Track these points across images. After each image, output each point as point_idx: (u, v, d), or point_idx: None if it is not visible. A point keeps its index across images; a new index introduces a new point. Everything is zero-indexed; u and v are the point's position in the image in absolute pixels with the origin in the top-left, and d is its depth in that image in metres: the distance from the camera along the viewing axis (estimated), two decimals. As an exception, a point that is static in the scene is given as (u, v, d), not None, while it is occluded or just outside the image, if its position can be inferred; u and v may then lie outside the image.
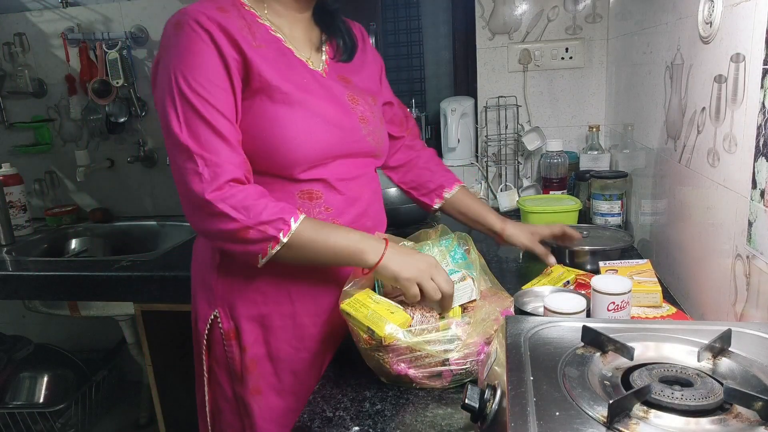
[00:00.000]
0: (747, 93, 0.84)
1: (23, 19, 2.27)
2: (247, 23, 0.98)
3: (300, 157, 0.98)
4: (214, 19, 0.93)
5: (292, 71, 1.00)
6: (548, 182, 1.86)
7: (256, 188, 0.94)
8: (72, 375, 2.27)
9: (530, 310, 1.02)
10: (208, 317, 1.07)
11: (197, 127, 0.91)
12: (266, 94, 0.96)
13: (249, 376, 1.06)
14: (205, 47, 0.91)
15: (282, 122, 0.96)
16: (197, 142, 0.90)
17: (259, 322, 1.05)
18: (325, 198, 1.03)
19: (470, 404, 0.63)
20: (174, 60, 0.92)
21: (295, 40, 1.05)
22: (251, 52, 0.94)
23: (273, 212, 0.91)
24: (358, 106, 1.07)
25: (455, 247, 1.09)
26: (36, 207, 2.42)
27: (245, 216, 0.90)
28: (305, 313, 1.06)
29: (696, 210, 1.07)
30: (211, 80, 0.91)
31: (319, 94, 1.01)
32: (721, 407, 0.56)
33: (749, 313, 0.86)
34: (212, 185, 0.89)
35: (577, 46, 1.93)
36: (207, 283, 1.08)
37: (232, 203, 0.90)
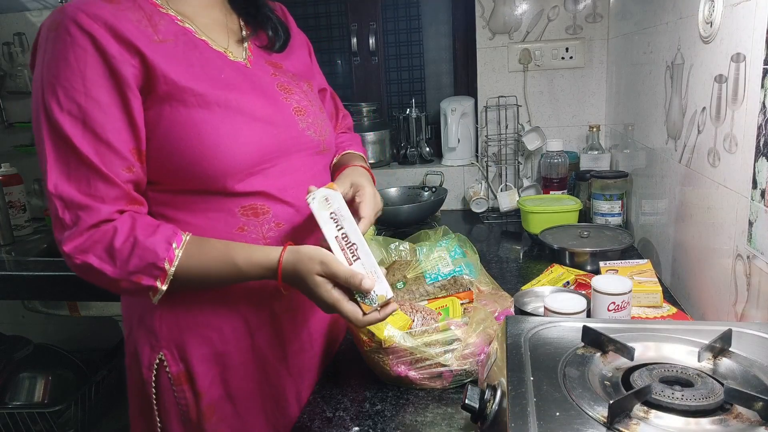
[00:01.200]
0: (747, 93, 0.84)
1: (23, 19, 2.27)
2: (145, 14, 0.83)
3: (230, 167, 0.83)
4: (99, 16, 0.77)
5: (207, 66, 0.86)
6: (548, 182, 1.86)
7: (126, 221, 0.79)
8: (72, 375, 2.27)
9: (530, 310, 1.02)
10: (153, 362, 0.90)
11: (66, 157, 0.77)
12: (177, 99, 0.81)
13: (207, 423, 0.91)
14: (84, 55, 0.76)
15: (200, 129, 0.81)
16: (63, 177, 0.77)
17: (214, 362, 0.91)
18: (273, 212, 0.89)
19: (470, 404, 0.63)
20: (45, 73, 0.77)
21: (209, 30, 0.91)
22: (151, 51, 0.80)
23: (143, 255, 0.78)
24: (292, 96, 0.93)
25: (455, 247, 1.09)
26: (36, 207, 2.42)
27: (111, 266, 0.77)
28: (267, 345, 0.93)
29: (696, 210, 1.07)
30: (90, 96, 0.76)
31: (242, 89, 0.88)
32: (721, 407, 0.56)
33: (749, 313, 0.86)
34: (72, 233, 0.77)
35: (577, 45, 1.93)
36: (146, 323, 0.90)
37: (97, 252, 0.77)
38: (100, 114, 0.77)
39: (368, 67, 2.33)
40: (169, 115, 0.81)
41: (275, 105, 0.91)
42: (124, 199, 0.80)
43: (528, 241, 1.68)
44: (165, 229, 0.81)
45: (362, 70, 2.34)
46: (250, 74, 0.91)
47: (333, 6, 2.39)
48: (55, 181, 0.77)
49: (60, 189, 0.77)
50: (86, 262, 0.77)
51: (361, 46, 2.28)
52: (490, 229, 1.86)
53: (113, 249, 0.77)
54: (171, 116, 0.81)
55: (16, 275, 1.78)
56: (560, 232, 1.52)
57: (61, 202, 0.77)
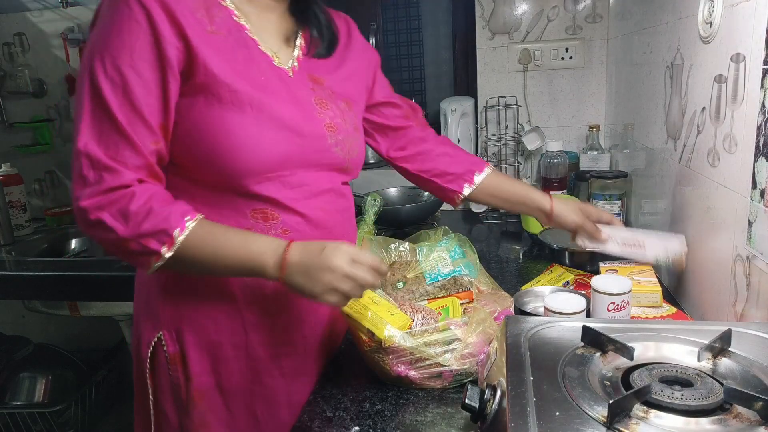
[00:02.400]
0: (747, 93, 0.84)
1: (23, 19, 2.27)
2: (205, 4, 0.85)
3: (249, 166, 0.86)
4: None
5: (250, 66, 0.88)
6: (548, 182, 1.86)
7: (146, 189, 0.82)
8: (72, 375, 2.27)
9: (530, 310, 1.02)
10: (151, 340, 0.95)
11: (101, 120, 0.80)
12: (212, 92, 0.84)
13: (195, 408, 0.94)
14: (137, 29, 0.79)
15: (229, 126, 0.84)
16: (94, 138, 0.80)
17: (207, 351, 0.94)
18: (282, 219, 0.91)
19: (470, 404, 0.63)
20: (99, 39, 0.80)
21: (263, 31, 0.93)
22: (200, 40, 0.82)
23: (156, 221, 0.80)
24: (326, 111, 0.95)
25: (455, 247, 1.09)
26: (36, 207, 2.42)
27: (123, 226, 0.79)
28: (261, 344, 0.94)
29: (696, 210, 1.07)
30: (135, 69, 0.79)
31: (279, 95, 0.89)
32: (721, 407, 0.56)
33: (749, 313, 0.86)
34: (93, 191, 0.79)
35: (577, 46, 1.93)
36: (150, 305, 0.96)
37: (111, 211, 0.79)
38: (140, 87, 0.80)
39: (368, 67, 2.33)
40: (202, 105, 0.84)
41: (308, 117, 0.92)
42: (146, 170, 0.83)
43: (528, 241, 1.68)
44: (181, 204, 0.84)
45: (362, 70, 2.34)
46: (290, 83, 0.93)
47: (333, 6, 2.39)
48: (86, 141, 0.80)
49: (89, 148, 0.79)
50: (99, 218, 0.79)
51: (361, 46, 2.28)
52: (490, 229, 1.86)
53: (128, 211, 0.79)
54: (203, 107, 0.84)
55: (16, 275, 1.78)
56: (560, 232, 1.52)
57: (87, 160, 0.79)
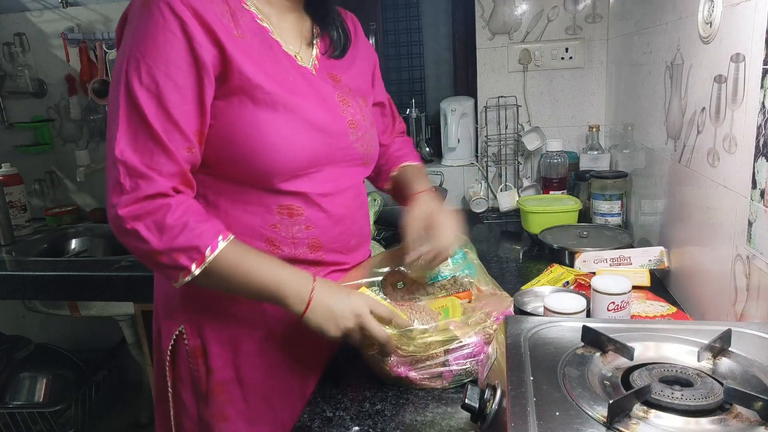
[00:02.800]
0: (747, 93, 0.84)
1: (23, 19, 2.27)
2: (230, 8, 0.87)
3: (281, 167, 0.89)
4: (189, 3, 0.81)
5: (277, 67, 0.90)
6: (548, 182, 1.86)
7: (182, 202, 0.83)
8: (72, 375, 2.27)
9: (530, 310, 1.02)
10: (172, 333, 0.97)
11: (136, 128, 0.81)
12: (246, 94, 0.86)
13: (214, 400, 0.96)
14: (172, 38, 0.80)
15: (263, 127, 0.86)
16: (130, 146, 0.81)
17: (228, 345, 0.96)
18: (306, 215, 0.94)
19: (470, 404, 0.63)
20: (133, 46, 0.81)
21: (284, 32, 0.95)
22: (231, 44, 0.84)
23: (190, 237, 0.82)
24: (348, 109, 0.98)
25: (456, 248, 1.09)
26: (36, 207, 2.42)
27: (158, 238, 0.81)
28: (279, 338, 0.97)
29: (696, 210, 1.07)
30: (170, 77, 0.81)
31: (306, 95, 0.92)
32: (721, 407, 0.56)
33: (749, 313, 0.86)
34: (130, 198, 0.80)
35: (577, 46, 1.93)
36: (172, 299, 0.97)
37: (147, 222, 0.81)
38: (176, 95, 0.81)
39: (368, 67, 2.33)
40: (237, 107, 0.86)
41: (333, 115, 0.95)
42: (179, 177, 0.84)
43: (528, 241, 1.68)
44: (216, 223, 0.86)
45: (362, 70, 2.34)
46: (314, 82, 0.95)
47: (333, 6, 2.39)
48: (123, 148, 0.81)
49: (126, 156, 0.81)
50: (135, 229, 0.81)
51: (361, 46, 2.28)
52: (490, 229, 1.86)
53: (164, 224, 0.81)
54: (238, 108, 0.86)
55: (16, 275, 1.78)
56: (560, 231, 1.52)
57: (124, 168, 0.80)
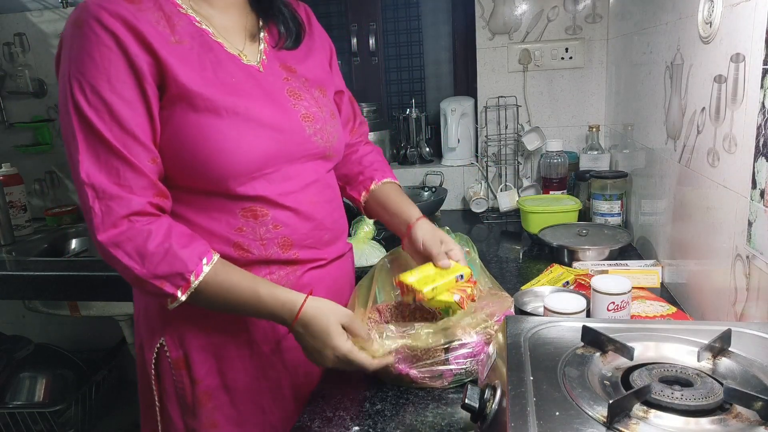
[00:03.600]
0: (747, 93, 0.84)
1: (23, 19, 2.27)
2: (164, 14, 0.85)
3: (234, 170, 0.87)
4: (120, 15, 0.80)
5: (219, 71, 0.88)
6: (548, 182, 1.86)
7: (162, 225, 0.83)
8: (72, 375, 2.27)
9: (530, 310, 1.02)
10: (154, 346, 0.96)
11: (96, 148, 0.80)
12: (186, 102, 0.84)
13: (202, 409, 0.95)
14: (108, 53, 0.79)
15: (207, 133, 0.84)
16: (95, 167, 0.80)
17: (211, 352, 0.95)
18: (271, 215, 0.92)
19: (470, 404, 0.63)
20: (72, 67, 0.80)
21: (227, 31, 0.93)
22: (166, 52, 0.82)
23: (172, 264, 0.81)
24: (301, 102, 0.95)
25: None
26: (36, 207, 2.42)
27: (140, 266, 0.80)
28: (264, 341, 0.96)
29: (696, 210, 1.07)
30: (115, 91, 0.80)
31: (252, 95, 0.90)
32: (721, 407, 0.56)
33: (749, 312, 0.86)
34: (106, 223, 0.80)
35: (577, 46, 1.93)
36: (150, 311, 0.97)
37: (128, 249, 0.80)
38: (125, 108, 0.81)
39: (368, 67, 2.33)
40: (179, 116, 0.84)
41: (283, 112, 0.93)
42: (152, 189, 0.83)
43: (528, 241, 1.68)
44: (199, 244, 0.85)
45: (362, 70, 2.34)
46: (262, 79, 0.93)
47: (333, 6, 2.39)
48: (87, 170, 0.80)
49: (93, 178, 0.80)
50: (116, 257, 0.81)
51: (361, 46, 2.28)
52: (490, 229, 1.86)
53: (145, 251, 0.81)
54: (180, 117, 0.84)
55: (16, 275, 1.78)
56: (559, 230, 1.53)
57: (92, 191, 0.80)
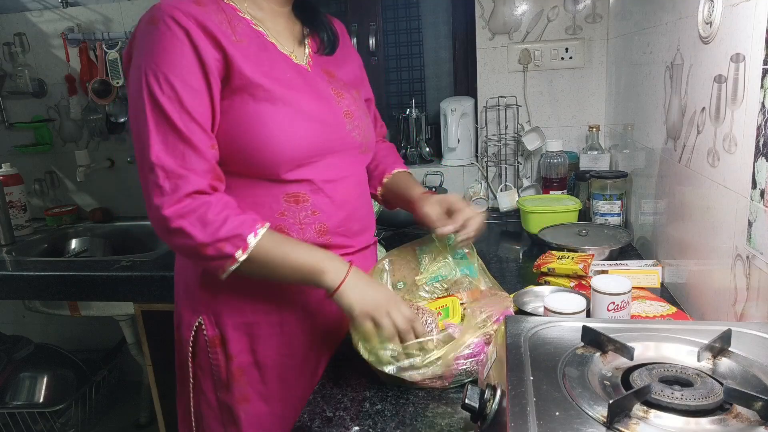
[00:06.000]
0: (747, 93, 0.84)
1: (23, 19, 2.27)
2: (227, 17, 0.94)
3: (284, 157, 0.95)
4: (191, 14, 0.88)
5: (275, 67, 0.97)
6: (548, 182, 1.86)
7: (220, 199, 0.90)
8: (72, 375, 2.27)
9: (530, 310, 1.02)
10: (192, 324, 1.04)
11: (165, 133, 0.87)
12: (248, 92, 0.93)
13: (235, 384, 1.03)
14: (181, 46, 0.87)
15: (265, 121, 0.93)
16: (163, 150, 0.87)
17: (245, 331, 1.02)
18: (312, 201, 1.00)
19: (470, 404, 0.63)
20: (146, 59, 0.88)
21: (278, 34, 1.02)
22: (231, 48, 0.91)
23: (231, 227, 0.88)
24: (343, 101, 1.05)
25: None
26: (36, 207, 2.42)
27: (202, 233, 0.87)
28: (294, 320, 1.03)
29: (696, 210, 1.07)
30: (186, 81, 0.88)
31: (303, 90, 0.99)
32: (721, 407, 0.56)
33: (749, 312, 0.86)
34: (172, 199, 0.87)
35: (577, 46, 1.93)
36: (191, 289, 1.05)
37: (191, 219, 0.87)
38: (194, 97, 0.88)
39: (368, 67, 2.32)
40: (239, 105, 0.92)
41: (329, 107, 1.01)
42: (211, 172, 0.91)
43: (528, 241, 1.68)
44: (252, 214, 0.92)
45: (362, 70, 2.34)
46: (310, 78, 1.02)
47: (333, 6, 2.39)
48: (158, 153, 0.87)
49: (162, 160, 0.87)
50: (181, 227, 0.87)
51: (361, 46, 2.28)
52: (490, 229, 1.86)
53: (206, 219, 0.87)
54: (240, 106, 0.92)
55: (16, 275, 1.79)
56: (559, 230, 1.53)
57: (162, 171, 0.87)
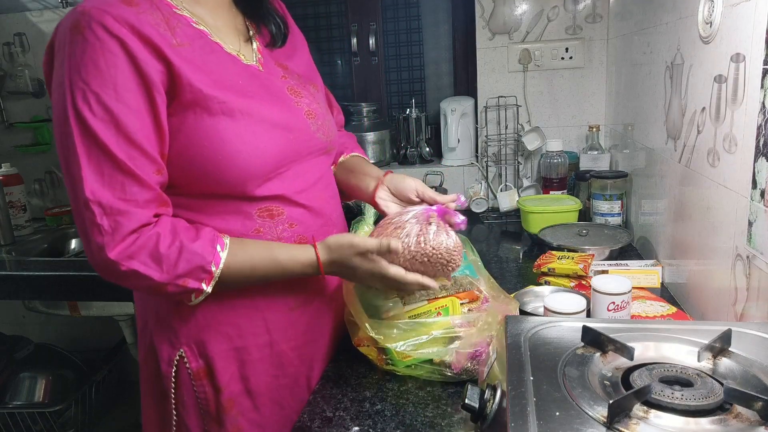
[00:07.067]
0: (747, 93, 0.84)
1: (23, 19, 2.27)
2: (163, 16, 0.81)
3: (251, 173, 0.86)
4: (124, 19, 0.76)
5: (225, 72, 0.86)
6: (548, 182, 1.86)
7: (166, 226, 0.81)
8: (72, 375, 2.27)
9: (530, 310, 1.02)
10: (173, 358, 0.92)
11: (100, 162, 0.76)
12: (201, 106, 0.82)
13: (226, 416, 0.93)
14: (114, 59, 0.75)
15: (224, 137, 0.83)
16: (98, 182, 0.76)
17: (234, 358, 0.93)
18: (287, 213, 0.92)
19: (470, 404, 0.63)
20: (72, 76, 0.75)
21: (221, 31, 0.90)
22: (174, 56, 0.79)
23: (189, 259, 0.80)
24: (302, 99, 0.95)
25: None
26: (36, 207, 2.42)
27: (158, 271, 0.79)
28: (283, 339, 0.96)
29: (696, 210, 1.07)
30: (122, 100, 0.76)
31: (260, 95, 0.89)
32: (721, 407, 0.56)
33: (749, 313, 0.86)
34: (114, 239, 0.77)
35: (577, 46, 1.93)
36: (164, 320, 0.92)
37: (142, 258, 0.78)
38: (132, 118, 0.77)
39: (368, 67, 2.33)
40: (193, 121, 0.82)
41: (289, 110, 0.93)
42: (156, 201, 0.81)
43: (528, 241, 1.68)
44: (207, 233, 0.84)
45: (362, 70, 2.34)
46: (264, 79, 0.92)
47: (333, 6, 2.39)
48: (92, 187, 0.76)
49: (98, 195, 0.77)
50: (132, 269, 0.78)
51: (361, 46, 2.28)
52: (490, 229, 1.86)
53: (159, 254, 0.79)
54: (194, 123, 0.82)
55: (16, 275, 1.78)
56: (559, 230, 1.53)
57: (99, 208, 0.77)
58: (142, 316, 0.98)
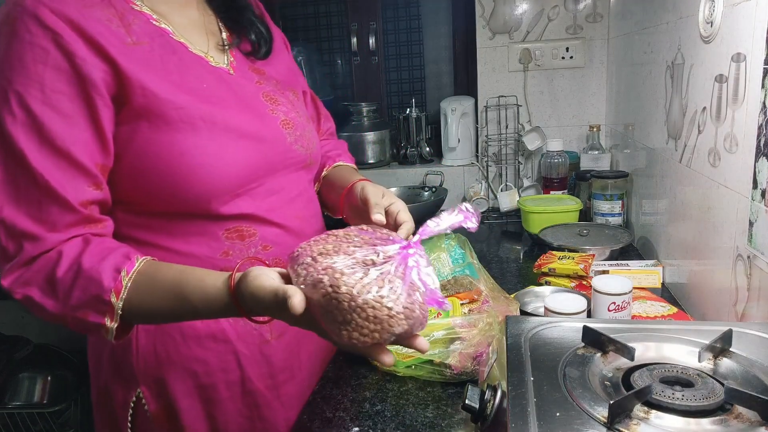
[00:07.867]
0: (748, 93, 0.84)
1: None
2: (117, 12, 0.73)
3: (215, 188, 0.76)
4: (63, 12, 0.67)
5: (187, 74, 0.77)
6: (549, 182, 1.86)
7: (75, 245, 0.68)
8: (72, 375, 2.27)
9: (531, 311, 1.02)
10: (128, 401, 0.82)
11: (16, 177, 0.66)
12: (155, 113, 0.72)
13: None
14: (44, 56, 0.66)
15: (183, 148, 0.73)
16: (11, 198, 0.66)
17: (199, 396, 0.82)
18: (260, 234, 0.82)
19: (470, 404, 0.63)
20: None
21: (187, 30, 0.82)
22: (125, 57, 0.70)
23: (85, 287, 0.65)
24: (278, 107, 0.86)
25: (455, 247, 1.09)
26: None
27: (53, 300, 0.66)
28: (257, 377, 0.85)
29: (697, 210, 1.07)
30: (50, 103, 0.66)
31: (227, 101, 0.80)
32: (721, 408, 0.56)
33: (750, 313, 0.86)
34: (14, 265, 0.66)
35: (577, 45, 1.93)
36: (118, 357, 0.81)
37: (39, 282, 0.66)
38: (60, 124, 0.67)
39: (368, 67, 2.33)
40: (147, 131, 0.73)
41: (262, 119, 0.83)
42: (81, 224, 0.69)
43: (528, 241, 1.68)
44: (117, 255, 0.68)
45: (362, 70, 2.34)
46: (234, 83, 0.83)
47: (333, 6, 2.39)
48: (2, 202, 0.67)
49: (5, 213, 0.66)
50: (27, 296, 0.67)
51: (361, 46, 2.28)
52: (490, 229, 1.86)
53: (55, 279, 0.66)
54: (148, 132, 0.73)
55: (16, 275, 1.78)
56: (560, 230, 1.52)
57: (3, 228, 0.67)
58: (94, 351, 0.86)
